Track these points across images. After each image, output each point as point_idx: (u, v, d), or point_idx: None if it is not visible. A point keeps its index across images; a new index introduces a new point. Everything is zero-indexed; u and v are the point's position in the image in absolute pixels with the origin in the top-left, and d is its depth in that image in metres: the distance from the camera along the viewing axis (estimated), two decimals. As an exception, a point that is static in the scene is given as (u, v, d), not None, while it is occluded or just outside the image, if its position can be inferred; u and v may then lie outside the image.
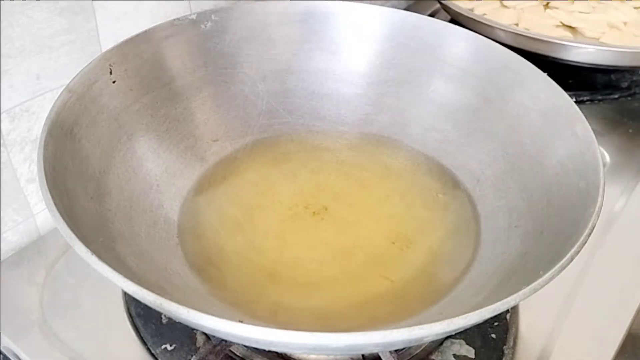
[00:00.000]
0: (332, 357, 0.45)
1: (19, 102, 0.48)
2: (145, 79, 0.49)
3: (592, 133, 0.43)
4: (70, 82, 0.43)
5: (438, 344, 0.46)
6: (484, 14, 0.81)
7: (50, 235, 0.55)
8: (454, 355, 0.45)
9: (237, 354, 0.45)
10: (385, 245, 0.47)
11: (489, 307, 0.30)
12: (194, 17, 0.52)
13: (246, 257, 0.46)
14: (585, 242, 0.35)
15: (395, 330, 0.28)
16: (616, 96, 0.78)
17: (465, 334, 0.46)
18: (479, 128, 0.54)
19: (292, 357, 0.44)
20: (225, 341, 0.43)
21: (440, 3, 0.84)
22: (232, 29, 0.55)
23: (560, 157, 0.45)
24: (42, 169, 0.36)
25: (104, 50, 0.49)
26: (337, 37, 0.57)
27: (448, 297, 0.43)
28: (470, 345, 0.46)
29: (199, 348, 0.45)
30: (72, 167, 0.40)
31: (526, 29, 0.77)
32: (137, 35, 0.49)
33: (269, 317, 0.42)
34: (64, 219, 0.33)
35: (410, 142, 0.57)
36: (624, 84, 0.79)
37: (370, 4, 0.57)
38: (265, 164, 0.54)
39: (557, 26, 0.81)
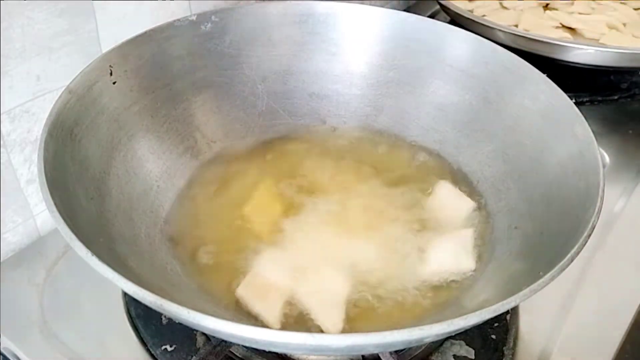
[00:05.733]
0: (332, 357, 0.45)
1: (19, 103, 0.48)
2: (146, 79, 0.49)
3: (591, 134, 0.43)
4: (71, 83, 0.43)
5: (438, 345, 0.46)
6: (484, 15, 0.81)
7: (50, 236, 0.55)
8: (454, 356, 0.45)
9: (237, 354, 0.45)
10: (385, 246, 0.47)
11: (488, 308, 0.30)
12: (194, 18, 0.52)
13: (246, 257, 0.46)
14: (585, 243, 0.35)
15: (395, 331, 0.29)
16: (616, 97, 0.78)
17: (465, 335, 0.46)
18: (478, 129, 0.54)
19: (292, 357, 0.44)
20: (225, 342, 0.43)
21: (440, 4, 0.84)
22: (232, 30, 0.55)
23: (560, 158, 0.45)
24: (43, 169, 0.36)
25: (104, 51, 0.49)
26: (337, 38, 0.58)
27: (448, 298, 0.43)
28: (470, 346, 0.46)
29: (199, 349, 0.45)
30: (72, 168, 0.40)
31: (526, 30, 0.77)
32: (137, 36, 0.49)
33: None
34: (64, 219, 0.33)
35: (410, 143, 0.57)
36: (624, 85, 0.79)
37: (370, 5, 0.57)
38: (265, 165, 0.54)
39: (557, 27, 0.81)
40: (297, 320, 0.41)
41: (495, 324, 0.47)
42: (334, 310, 0.42)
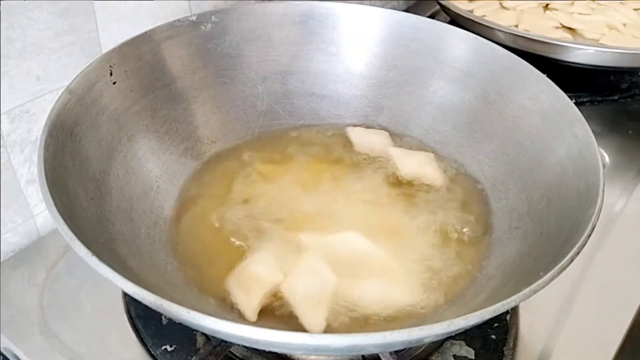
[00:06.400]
0: (332, 357, 0.45)
1: (19, 103, 0.48)
2: (146, 80, 0.50)
3: (591, 134, 0.43)
4: (71, 83, 0.43)
5: (438, 345, 0.46)
6: (484, 16, 0.81)
7: (50, 236, 0.55)
8: (454, 356, 0.45)
9: (237, 354, 0.45)
10: (385, 246, 0.47)
11: (489, 308, 0.30)
12: (194, 18, 0.52)
13: (246, 257, 0.46)
14: (585, 243, 0.35)
15: (395, 331, 0.29)
16: (616, 97, 0.78)
17: (465, 335, 0.46)
18: (478, 129, 0.54)
19: (292, 358, 0.44)
20: (225, 342, 0.43)
21: (440, 4, 0.84)
22: (232, 30, 0.55)
23: (560, 158, 0.45)
24: (43, 170, 0.36)
25: (104, 51, 0.49)
26: (338, 39, 0.58)
27: (448, 298, 0.43)
28: (470, 346, 0.46)
29: (199, 349, 0.45)
30: (73, 168, 0.40)
31: (526, 30, 0.77)
32: (137, 37, 0.49)
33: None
34: (64, 219, 0.33)
35: (410, 143, 0.57)
36: (624, 85, 0.79)
37: (370, 5, 0.57)
38: (265, 165, 0.54)
39: (557, 27, 0.81)
40: (279, 314, 0.42)
41: (495, 324, 0.47)
42: (316, 309, 0.42)
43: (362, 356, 0.44)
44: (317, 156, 0.56)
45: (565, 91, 0.47)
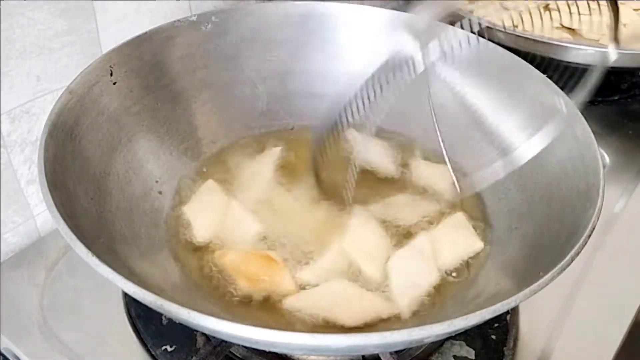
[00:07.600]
0: (332, 358, 0.45)
1: (20, 103, 0.48)
2: (146, 80, 0.50)
3: (591, 134, 0.43)
4: (71, 83, 0.43)
5: (438, 345, 0.46)
6: (484, 16, 0.81)
7: (51, 236, 0.55)
8: (454, 357, 0.45)
9: (237, 355, 0.45)
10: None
11: (489, 308, 0.30)
12: (194, 18, 0.53)
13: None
14: (585, 243, 0.35)
15: (395, 332, 0.29)
16: (616, 97, 0.78)
17: (465, 335, 0.46)
18: (478, 129, 0.54)
19: (292, 358, 0.44)
20: (226, 342, 0.43)
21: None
22: (233, 30, 0.55)
23: (560, 158, 0.45)
24: (43, 170, 0.36)
25: (104, 51, 0.49)
26: (337, 39, 0.58)
27: (448, 298, 0.43)
28: (470, 347, 0.46)
29: (199, 349, 0.45)
30: (73, 168, 0.40)
31: (526, 30, 0.77)
32: (137, 37, 0.49)
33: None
34: (64, 220, 0.33)
35: (410, 143, 0.57)
36: (624, 86, 0.79)
37: (370, 5, 0.57)
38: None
39: (557, 28, 0.81)
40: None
41: (495, 324, 0.47)
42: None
43: (362, 356, 0.44)
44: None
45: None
